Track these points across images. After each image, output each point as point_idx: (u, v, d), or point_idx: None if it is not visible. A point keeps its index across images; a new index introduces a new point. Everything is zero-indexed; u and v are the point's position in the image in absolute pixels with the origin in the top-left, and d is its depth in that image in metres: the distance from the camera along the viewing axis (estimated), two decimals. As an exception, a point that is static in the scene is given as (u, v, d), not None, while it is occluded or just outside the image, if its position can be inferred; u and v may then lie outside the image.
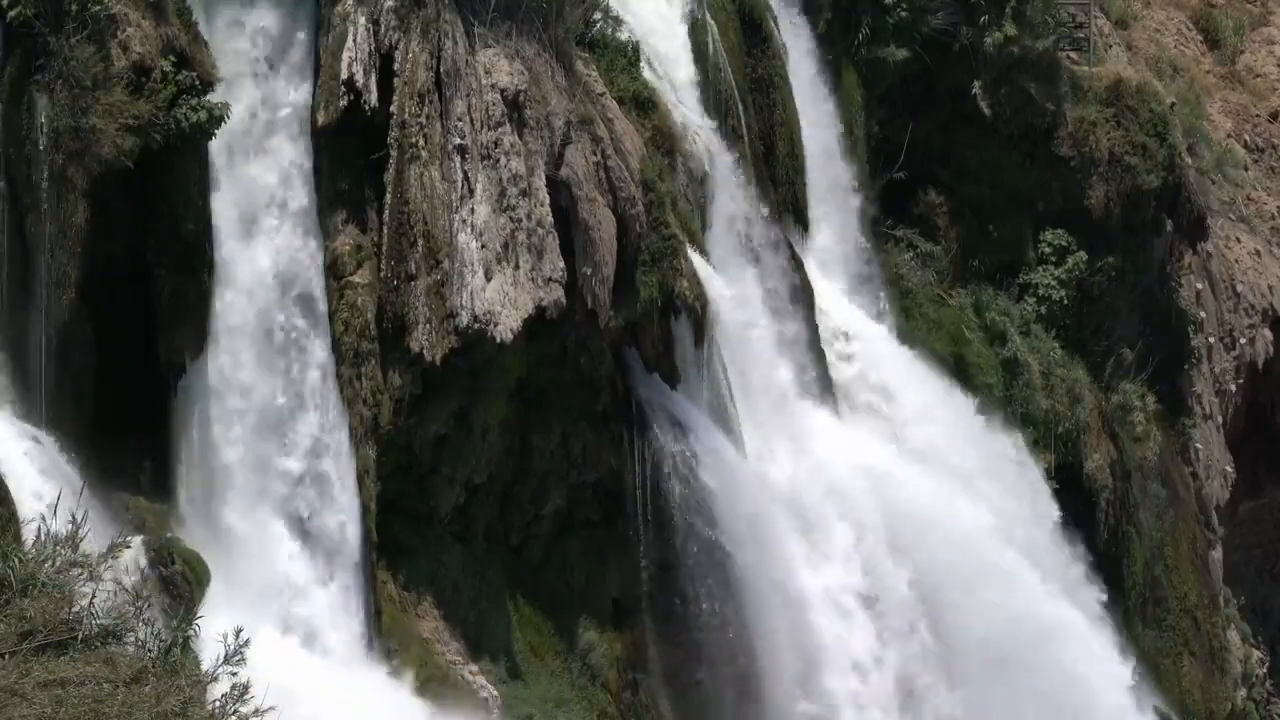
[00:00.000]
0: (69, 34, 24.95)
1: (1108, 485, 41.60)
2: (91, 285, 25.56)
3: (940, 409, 38.31)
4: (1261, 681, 47.50)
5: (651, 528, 31.57)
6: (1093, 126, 42.43)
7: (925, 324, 40.11)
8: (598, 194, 30.04)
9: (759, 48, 36.87)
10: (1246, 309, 47.50)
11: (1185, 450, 44.80)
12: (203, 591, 25.40)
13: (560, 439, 31.16)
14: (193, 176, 26.43)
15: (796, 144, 37.35)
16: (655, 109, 33.03)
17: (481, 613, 29.98)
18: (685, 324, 32.03)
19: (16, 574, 12.25)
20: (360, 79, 28.07)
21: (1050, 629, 36.81)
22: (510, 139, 29.14)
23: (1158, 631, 42.72)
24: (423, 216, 28.35)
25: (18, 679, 11.47)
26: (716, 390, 32.87)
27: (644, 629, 31.91)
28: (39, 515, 13.56)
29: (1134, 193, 42.59)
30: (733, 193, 34.76)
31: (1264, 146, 51.10)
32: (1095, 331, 42.72)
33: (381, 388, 28.42)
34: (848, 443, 35.65)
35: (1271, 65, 52.50)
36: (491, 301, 28.43)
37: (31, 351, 25.23)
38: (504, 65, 29.36)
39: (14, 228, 25.29)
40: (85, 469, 24.47)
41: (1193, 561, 44.06)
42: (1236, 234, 48.26)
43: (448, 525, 29.94)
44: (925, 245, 41.10)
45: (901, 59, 39.81)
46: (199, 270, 26.54)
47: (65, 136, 24.93)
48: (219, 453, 27.17)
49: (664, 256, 31.17)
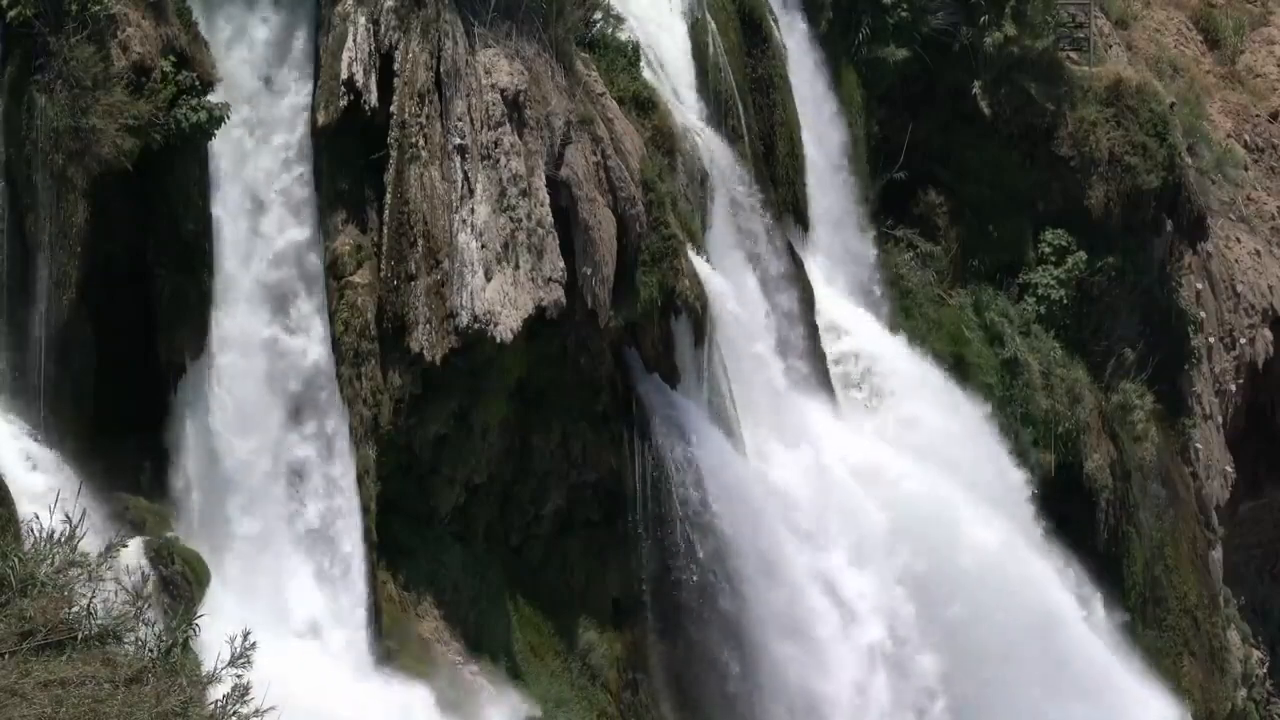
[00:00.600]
0: (69, 34, 24.93)
1: (1108, 485, 41.61)
2: (91, 285, 25.53)
3: (940, 408, 38.31)
4: (1261, 681, 47.51)
5: (651, 528, 31.57)
6: (1093, 126, 42.44)
7: (925, 324, 40.12)
8: (598, 194, 30.04)
9: (759, 48, 36.87)
10: (1246, 309, 47.51)
11: (1185, 450, 44.81)
12: (203, 591, 25.39)
13: (560, 439, 31.16)
14: (193, 176, 26.41)
15: (796, 144, 37.35)
16: (655, 109, 33.03)
17: (481, 613, 29.97)
18: (685, 324, 32.04)
19: (16, 574, 12.24)
20: (360, 79, 28.07)
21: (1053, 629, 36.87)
22: (510, 139, 29.13)
23: (1158, 631, 42.72)
24: (423, 216, 28.35)
25: (17, 679, 11.47)
26: (716, 390, 32.86)
27: (644, 629, 31.91)
28: (37, 515, 13.56)
29: (1134, 193, 42.61)
30: (733, 193, 34.76)
31: (1264, 146, 51.12)
32: (1095, 331, 42.73)
33: (381, 388, 28.42)
34: (848, 442, 35.66)
35: (1271, 65, 52.52)
36: (491, 301, 28.42)
37: (31, 351, 25.21)
38: (504, 65, 29.35)
39: (14, 228, 25.26)
40: (85, 469, 24.45)
41: (1193, 561, 44.06)
42: (1236, 234, 48.28)
43: (448, 525, 29.94)
44: (925, 245, 41.11)
45: (901, 59, 39.83)
46: (199, 270, 26.53)
47: (65, 136, 24.91)
48: (219, 453, 27.17)
49: (664, 256, 31.17)
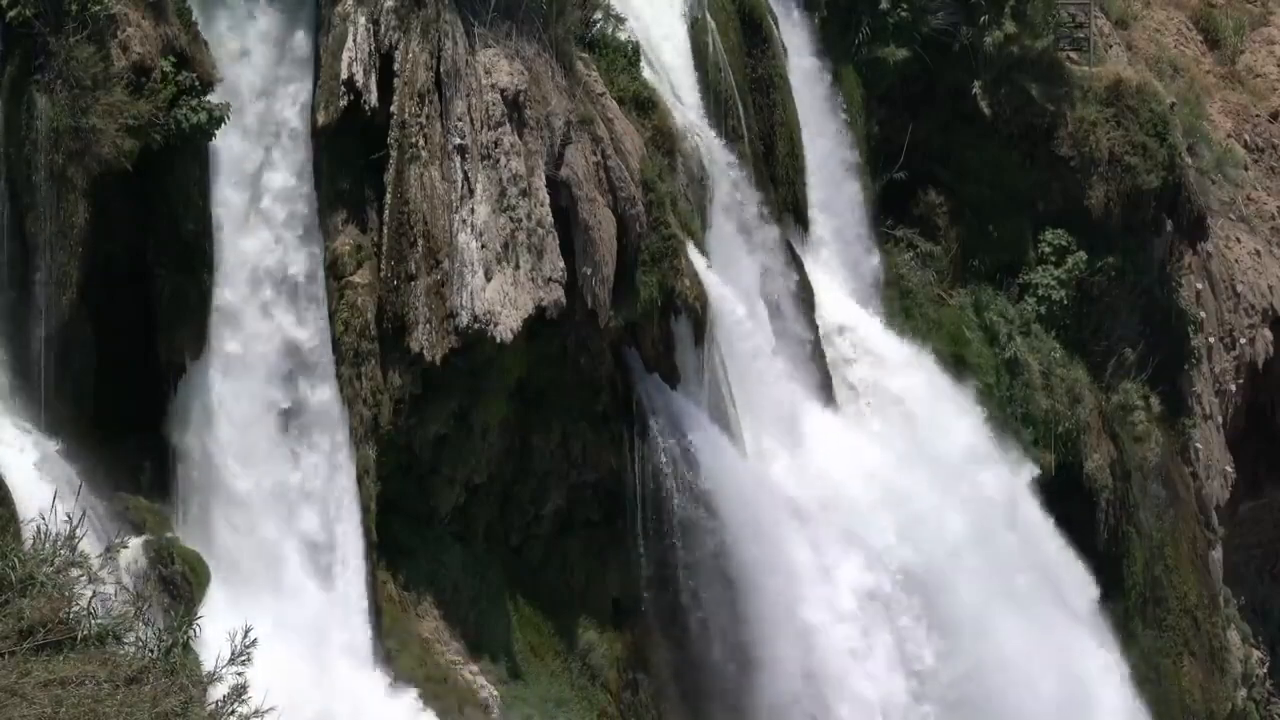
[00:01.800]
0: (69, 34, 24.93)
1: (1108, 485, 41.60)
2: (91, 285, 25.54)
3: (940, 407, 38.30)
4: (1261, 681, 47.50)
5: (651, 527, 31.56)
6: (1093, 126, 42.43)
7: (925, 324, 40.11)
8: (598, 194, 30.04)
9: (759, 48, 36.87)
10: (1246, 309, 47.50)
11: (1185, 450, 44.80)
12: (203, 591, 25.39)
13: (560, 439, 31.16)
14: (193, 176, 26.42)
15: (796, 144, 37.35)
16: (655, 109, 33.02)
17: (481, 613, 29.97)
18: (685, 324, 32.04)
19: (16, 574, 12.24)
20: (360, 79, 28.06)
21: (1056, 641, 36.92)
22: (510, 139, 29.13)
23: (1158, 631, 42.72)
24: (423, 216, 28.35)
25: (17, 679, 11.46)
26: (716, 390, 32.86)
27: (644, 629, 31.90)
28: (38, 515, 13.55)
29: (1134, 193, 42.60)
30: (733, 193, 34.75)
31: (1264, 146, 51.11)
32: (1095, 331, 42.72)
33: (381, 388, 28.42)
34: (847, 442, 35.66)
35: (1271, 65, 52.50)
36: (491, 301, 28.42)
37: (31, 351, 25.21)
38: (504, 65, 29.35)
39: (14, 228, 25.27)
40: (85, 469, 24.46)
41: (1193, 561, 44.05)
42: (1236, 234, 48.27)
43: (448, 525, 29.94)
44: (925, 245, 41.10)
45: (901, 59, 39.82)
46: (199, 270, 26.53)
47: (65, 136, 24.91)
48: (219, 452, 27.17)
49: (664, 256, 31.17)
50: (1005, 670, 35.41)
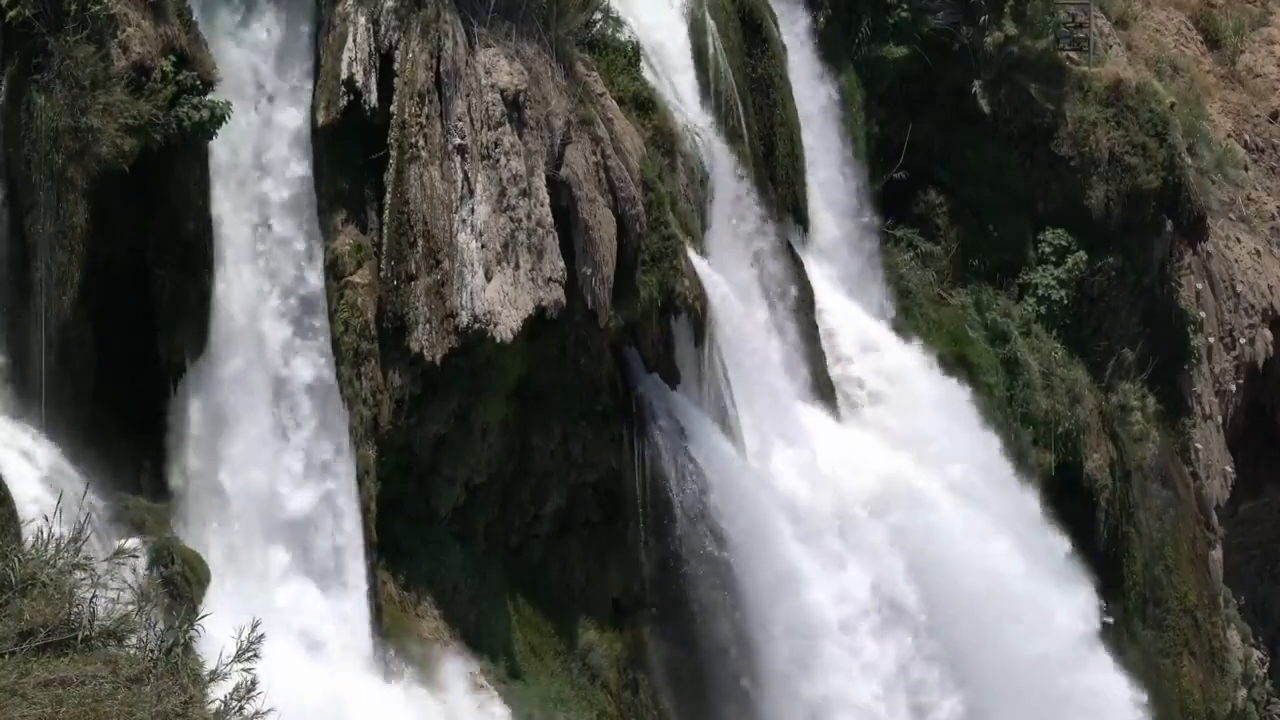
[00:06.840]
0: (68, 34, 24.93)
1: (1108, 485, 41.60)
2: (91, 285, 25.54)
3: (940, 407, 38.30)
4: (1261, 681, 47.52)
5: (651, 527, 31.56)
6: (1093, 126, 42.43)
7: (925, 324, 40.11)
8: (598, 194, 30.03)
9: (759, 48, 36.87)
10: (1246, 309, 47.51)
11: (1185, 450, 44.81)
12: (203, 591, 25.39)
13: (560, 439, 31.15)
14: (193, 176, 26.41)
15: (796, 144, 37.35)
16: (655, 109, 33.03)
17: (481, 613, 29.96)
18: (685, 324, 32.03)
19: (16, 574, 12.23)
20: (360, 79, 28.06)
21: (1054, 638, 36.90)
22: (510, 139, 29.12)
23: (1158, 631, 42.72)
24: (423, 216, 28.34)
25: (18, 679, 11.45)
26: (716, 390, 32.86)
27: (644, 629, 31.90)
28: (40, 516, 13.55)
29: (1134, 193, 42.60)
30: (733, 193, 34.76)
31: (1264, 146, 51.12)
32: (1095, 331, 42.72)
33: (381, 388, 28.42)
34: (847, 442, 35.67)
35: (1271, 65, 52.51)
36: (491, 301, 28.41)
37: (31, 351, 25.21)
38: (504, 65, 29.34)
39: (14, 228, 25.27)
40: (85, 469, 24.45)
41: (1193, 561, 44.06)
42: (1236, 234, 48.28)
43: (448, 525, 29.93)
44: (925, 245, 41.10)
45: (901, 58, 39.83)
46: (199, 270, 26.53)
47: (65, 136, 24.91)
48: (218, 452, 27.16)
49: (664, 256, 31.16)
50: (1012, 678, 35.41)
